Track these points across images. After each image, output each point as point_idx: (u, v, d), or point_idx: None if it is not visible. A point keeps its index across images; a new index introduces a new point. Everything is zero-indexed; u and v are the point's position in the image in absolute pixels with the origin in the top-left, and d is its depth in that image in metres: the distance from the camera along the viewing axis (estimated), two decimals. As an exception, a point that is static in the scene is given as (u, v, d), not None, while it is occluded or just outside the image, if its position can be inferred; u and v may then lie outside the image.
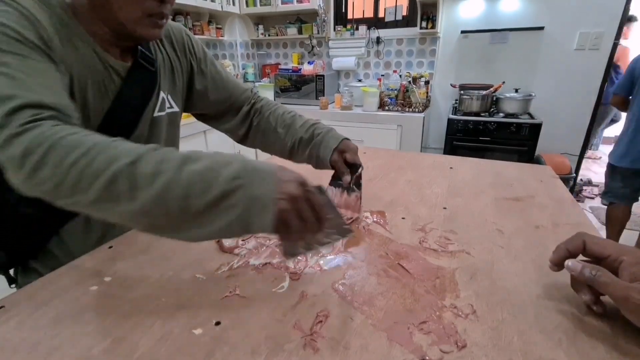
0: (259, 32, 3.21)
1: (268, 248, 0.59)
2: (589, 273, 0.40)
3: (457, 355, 0.38)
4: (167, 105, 0.68)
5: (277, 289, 0.49)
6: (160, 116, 0.67)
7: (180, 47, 0.71)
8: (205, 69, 0.75)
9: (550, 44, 2.43)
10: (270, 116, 0.79)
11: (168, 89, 0.69)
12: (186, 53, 0.72)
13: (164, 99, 0.67)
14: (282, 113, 0.79)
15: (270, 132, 0.79)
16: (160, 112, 0.67)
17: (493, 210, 0.73)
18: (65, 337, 0.40)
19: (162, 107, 0.67)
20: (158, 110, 0.66)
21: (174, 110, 0.71)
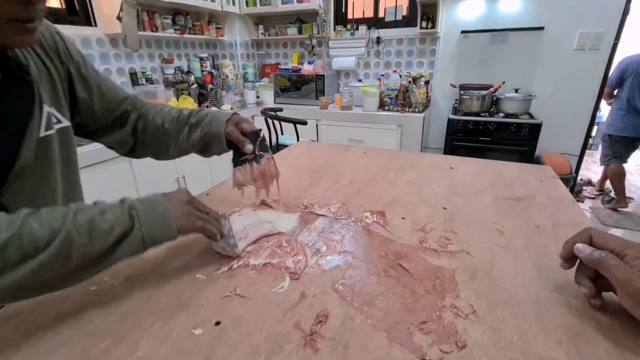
0: (259, 32, 3.22)
1: (268, 248, 0.59)
2: (598, 255, 0.42)
3: (457, 355, 0.38)
4: (54, 120, 0.56)
5: (277, 289, 0.49)
6: (49, 135, 0.54)
7: (53, 49, 0.58)
8: (87, 74, 0.63)
9: (550, 44, 2.43)
10: (155, 117, 0.72)
11: (51, 101, 0.56)
12: (60, 56, 0.59)
13: (49, 115, 0.55)
14: (167, 111, 0.73)
15: (159, 132, 0.72)
16: (48, 130, 0.54)
17: (493, 210, 0.73)
18: (65, 337, 0.40)
19: (49, 124, 0.54)
20: (45, 128, 0.54)
21: (64, 125, 0.58)
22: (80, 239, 0.40)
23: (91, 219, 0.42)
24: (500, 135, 2.31)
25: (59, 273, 0.40)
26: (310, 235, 0.63)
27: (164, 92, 2.41)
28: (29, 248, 0.37)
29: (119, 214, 0.44)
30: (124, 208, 0.45)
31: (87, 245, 0.40)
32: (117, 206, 0.45)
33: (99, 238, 0.41)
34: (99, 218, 0.42)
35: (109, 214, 0.44)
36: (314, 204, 0.76)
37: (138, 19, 2.12)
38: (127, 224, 0.44)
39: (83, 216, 0.42)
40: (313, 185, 0.87)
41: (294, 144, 1.27)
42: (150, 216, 0.46)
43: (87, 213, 0.42)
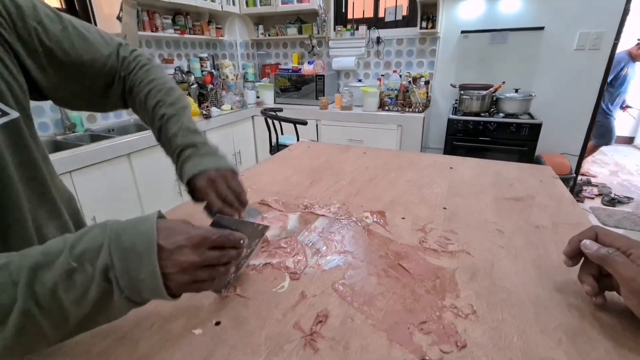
0: (259, 32, 3.22)
1: (268, 249, 0.59)
2: (605, 251, 0.42)
3: (457, 355, 0.38)
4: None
5: (277, 289, 0.49)
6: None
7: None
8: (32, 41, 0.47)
9: (550, 44, 2.43)
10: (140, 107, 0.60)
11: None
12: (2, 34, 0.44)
13: None
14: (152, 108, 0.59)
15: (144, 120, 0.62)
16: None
17: (493, 210, 0.73)
18: (65, 337, 0.40)
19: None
20: None
21: (10, 117, 0.45)
22: (43, 314, 0.31)
23: (53, 289, 0.31)
24: (500, 135, 2.31)
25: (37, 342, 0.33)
26: (310, 235, 0.63)
27: (164, 92, 2.40)
28: None
29: (90, 276, 0.32)
30: (98, 265, 0.32)
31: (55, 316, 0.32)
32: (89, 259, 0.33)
33: (68, 309, 0.32)
34: (64, 284, 0.31)
35: (77, 275, 0.32)
36: (314, 204, 0.76)
37: (138, 19, 2.12)
38: (103, 290, 0.33)
39: (42, 285, 0.31)
40: (313, 185, 0.87)
41: (294, 144, 1.27)
42: (133, 281, 0.33)
43: (48, 278, 0.31)
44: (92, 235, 0.34)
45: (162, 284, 0.34)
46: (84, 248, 0.33)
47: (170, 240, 0.35)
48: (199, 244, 0.36)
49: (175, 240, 0.35)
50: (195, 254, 0.36)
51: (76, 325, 0.34)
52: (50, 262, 0.32)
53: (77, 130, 2.00)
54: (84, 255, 0.32)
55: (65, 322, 0.33)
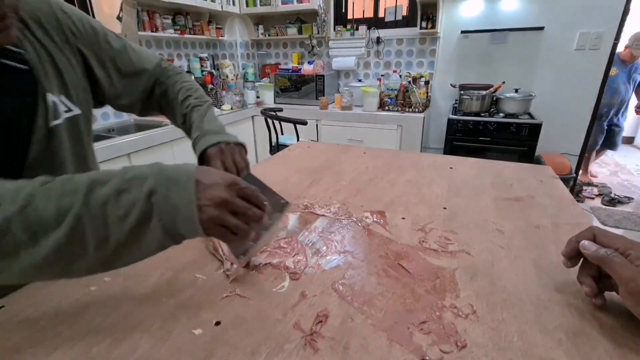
0: (259, 32, 3.22)
1: (267, 249, 0.59)
2: (603, 252, 0.42)
3: (457, 355, 0.38)
4: (62, 109, 0.53)
5: (277, 289, 0.49)
6: (56, 125, 0.52)
7: (54, 27, 0.53)
8: (102, 51, 0.60)
9: (550, 44, 2.43)
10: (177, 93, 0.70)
11: (57, 88, 0.53)
12: (66, 33, 0.54)
13: (55, 103, 0.52)
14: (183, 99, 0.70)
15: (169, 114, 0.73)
16: (56, 120, 0.52)
17: (493, 210, 0.73)
18: (65, 337, 0.40)
19: (56, 114, 0.52)
20: (53, 118, 0.52)
21: (74, 113, 0.55)
22: (91, 223, 0.35)
23: (104, 202, 0.35)
24: (500, 135, 2.31)
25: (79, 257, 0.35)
26: (310, 235, 0.63)
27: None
28: (37, 227, 0.33)
29: (136, 198, 0.36)
30: (144, 189, 0.37)
31: (100, 230, 0.35)
32: (138, 183, 0.37)
33: (111, 226, 0.35)
34: (113, 201, 0.36)
35: (125, 195, 0.36)
36: (314, 204, 0.76)
37: (138, 19, 2.12)
38: (144, 213, 0.36)
39: (96, 197, 0.35)
40: (313, 185, 0.87)
41: (294, 144, 1.27)
42: (171, 208, 0.37)
43: (102, 192, 0.36)
44: (141, 168, 0.39)
45: (196, 212, 0.38)
46: (134, 175, 0.38)
47: (207, 177, 0.40)
48: (231, 184, 0.41)
49: (212, 178, 0.40)
50: (227, 192, 0.40)
51: (113, 252, 0.36)
52: (106, 180, 0.36)
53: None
54: (134, 180, 0.37)
55: (106, 242, 0.36)
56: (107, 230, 0.35)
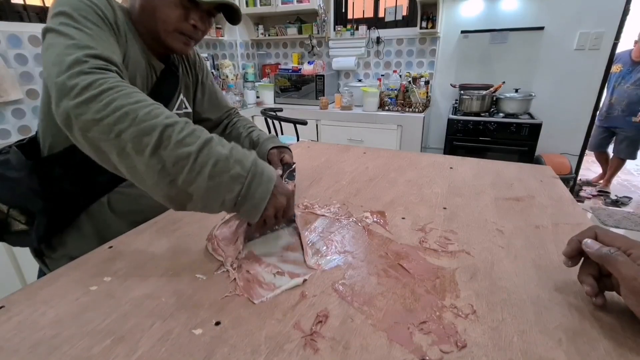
0: (259, 32, 3.22)
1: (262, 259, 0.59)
2: (606, 250, 0.41)
3: (457, 355, 0.38)
4: (184, 106, 0.83)
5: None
6: (178, 113, 0.77)
7: (192, 62, 0.87)
8: (206, 81, 0.90)
9: (550, 44, 2.43)
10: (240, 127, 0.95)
11: (184, 92, 0.83)
12: (196, 66, 0.87)
13: (182, 100, 0.82)
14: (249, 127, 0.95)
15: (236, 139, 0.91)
16: (179, 110, 0.81)
17: (493, 210, 0.73)
18: (65, 337, 0.40)
19: (180, 107, 0.81)
20: (177, 108, 0.80)
21: (189, 110, 0.85)
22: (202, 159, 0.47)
23: (226, 157, 0.48)
24: (500, 135, 2.31)
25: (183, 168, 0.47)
26: (310, 235, 0.63)
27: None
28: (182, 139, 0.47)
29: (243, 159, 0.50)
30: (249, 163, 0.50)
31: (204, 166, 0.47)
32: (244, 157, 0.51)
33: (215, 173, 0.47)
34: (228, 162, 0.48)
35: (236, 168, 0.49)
36: (314, 204, 0.76)
37: (138, 19, 2.12)
38: (240, 174, 0.49)
39: (219, 150, 0.48)
40: (313, 185, 0.87)
41: (294, 144, 1.27)
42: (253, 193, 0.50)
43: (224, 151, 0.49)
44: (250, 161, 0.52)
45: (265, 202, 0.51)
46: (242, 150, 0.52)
47: (280, 187, 0.54)
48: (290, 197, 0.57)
49: (283, 189, 0.55)
50: (285, 202, 0.55)
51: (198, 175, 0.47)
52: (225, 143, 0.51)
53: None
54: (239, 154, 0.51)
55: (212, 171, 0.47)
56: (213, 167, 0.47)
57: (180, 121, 0.48)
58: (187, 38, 0.69)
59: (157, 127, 0.46)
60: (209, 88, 0.91)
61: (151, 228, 0.66)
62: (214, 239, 0.58)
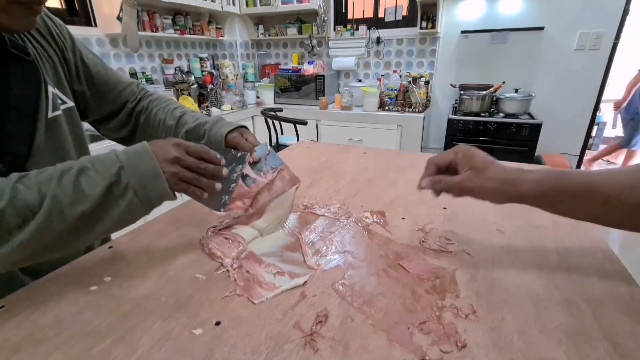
0: (259, 32, 3.22)
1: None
2: (438, 187, 0.53)
3: (457, 355, 0.38)
4: (59, 101, 0.57)
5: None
6: (56, 116, 0.56)
7: (45, 30, 0.58)
8: (76, 57, 0.63)
9: (550, 44, 2.43)
10: (159, 112, 0.71)
11: (54, 82, 0.57)
12: (54, 37, 0.59)
13: (54, 95, 0.55)
14: (172, 108, 0.72)
15: (160, 127, 0.70)
16: (55, 111, 0.55)
17: (493, 210, 0.73)
18: (65, 337, 0.40)
19: (55, 105, 0.55)
20: (52, 109, 0.55)
21: (69, 105, 0.59)
22: (66, 199, 0.41)
23: (75, 179, 0.42)
24: (500, 135, 2.31)
25: (63, 232, 0.41)
26: (310, 235, 0.63)
27: (164, 92, 2.41)
28: (25, 212, 0.39)
29: (102, 168, 0.43)
30: (107, 162, 0.44)
31: (76, 203, 0.41)
32: (102, 161, 0.44)
33: (84, 195, 0.42)
34: (83, 176, 0.42)
35: (91, 170, 0.43)
36: (314, 204, 0.76)
37: (138, 19, 2.13)
38: (112, 177, 0.43)
39: (68, 177, 0.42)
40: (313, 185, 0.87)
41: (294, 144, 1.27)
42: (136, 169, 0.44)
43: (72, 173, 0.42)
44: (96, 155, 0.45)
45: (158, 166, 0.45)
46: (97, 156, 0.45)
47: (156, 145, 0.47)
48: (177, 144, 0.48)
49: (160, 143, 0.48)
50: (176, 150, 0.47)
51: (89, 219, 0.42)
52: (73, 165, 0.43)
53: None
54: (97, 159, 0.44)
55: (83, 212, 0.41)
56: (83, 200, 0.41)
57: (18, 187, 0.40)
58: (26, 7, 0.44)
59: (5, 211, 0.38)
60: (86, 66, 0.64)
61: (151, 228, 0.66)
62: (206, 244, 0.58)
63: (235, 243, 0.58)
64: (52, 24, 0.59)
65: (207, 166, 0.50)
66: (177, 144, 0.48)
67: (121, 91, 0.70)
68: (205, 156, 0.50)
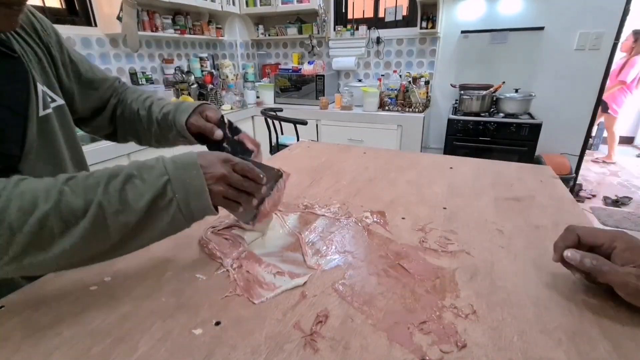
0: (259, 32, 3.22)
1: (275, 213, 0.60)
2: (589, 263, 0.43)
3: (457, 355, 0.38)
4: (49, 99, 0.55)
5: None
6: (47, 114, 0.54)
7: (30, 27, 0.56)
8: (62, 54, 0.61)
9: (550, 44, 2.43)
10: (132, 103, 0.70)
11: (43, 80, 0.55)
12: (40, 35, 0.57)
13: (44, 93, 0.54)
14: (143, 98, 0.71)
15: (135, 119, 0.70)
16: (46, 109, 0.54)
17: (493, 210, 0.73)
18: (65, 337, 0.40)
19: (45, 104, 0.54)
20: (42, 107, 0.53)
21: (59, 103, 0.58)
22: (111, 208, 0.39)
23: (122, 187, 0.40)
24: (500, 135, 2.31)
25: (104, 241, 0.40)
26: (310, 235, 0.63)
27: (164, 92, 2.41)
28: (69, 218, 0.38)
29: (149, 178, 0.42)
30: (155, 172, 0.42)
31: (120, 213, 0.40)
32: (150, 169, 0.43)
33: (129, 206, 0.40)
34: (130, 184, 0.41)
35: (138, 178, 0.41)
36: (314, 204, 0.76)
37: (138, 19, 2.12)
38: (159, 190, 0.41)
39: (114, 184, 0.40)
40: (313, 185, 0.87)
41: (294, 144, 1.27)
42: (183, 183, 0.43)
43: (119, 180, 0.41)
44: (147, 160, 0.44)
45: (205, 183, 0.43)
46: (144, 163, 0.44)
47: (205, 159, 0.45)
48: (225, 160, 0.47)
49: (209, 158, 0.46)
50: (224, 168, 0.46)
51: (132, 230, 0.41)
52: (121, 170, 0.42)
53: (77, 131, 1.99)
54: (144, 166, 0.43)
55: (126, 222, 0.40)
56: (127, 210, 0.40)
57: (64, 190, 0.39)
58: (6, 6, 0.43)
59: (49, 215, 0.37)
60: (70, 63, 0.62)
61: (151, 228, 0.66)
62: (206, 244, 0.58)
63: (235, 243, 0.58)
64: (37, 21, 0.57)
65: (250, 184, 0.49)
66: (225, 160, 0.47)
67: (106, 88, 0.70)
68: (250, 175, 0.49)
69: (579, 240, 0.46)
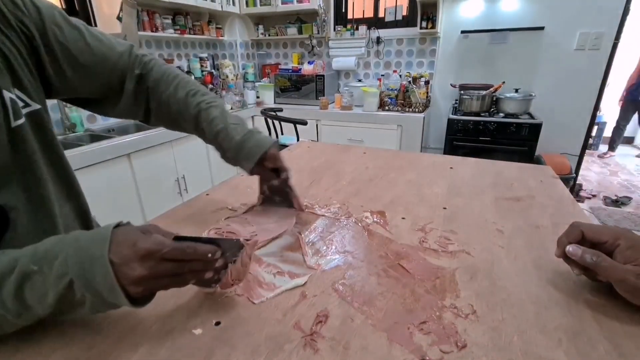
0: (259, 32, 3.22)
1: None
2: (590, 259, 0.43)
3: (457, 355, 0.38)
4: (20, 105, 0.46)
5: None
6: (19, 125, 0.45)
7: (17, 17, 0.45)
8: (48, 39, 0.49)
9: (550, 44, 2.43)
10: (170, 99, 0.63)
11: (12, 83, 0.45)
12: (12, 24, 0.45)
13: (13, 101, 0.44)
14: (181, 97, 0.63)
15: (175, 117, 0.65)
16: (18, 119, 0.45)
17: (493, 210, 0.73)
18: (65, 337, 0.40)
19: (16, 113, 0.45)
20: (14, 118, 0.44)
21: (33, 108, 0.48)
22: (11, 314, 0.35)
23: (16, 291, 0.35)
24: (500, 135, 2.31)
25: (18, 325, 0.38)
26: (310, 235, 0.63)
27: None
28: None
29: (49, 279, 0.35)
30: (56, 269, 0.35)
31: (25, 313, 0.36)
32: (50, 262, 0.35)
33: (33, 308, 0.36)
34: (28, 284, 0.35)
35: (38, 274, 0.35)
36: (314, 204, 0.76)
37: (138, 19, 2.12)
38: (63, 291, 0.35)
39: (8, 288, 0.35)
40: (313, 185, 0.87)
41: (294, 144, 1.27)
42: (89, 284, 0.35)
43: (12, 281, 0.35)
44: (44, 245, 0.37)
45: (115, 284, 0.34)
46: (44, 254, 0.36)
47: (118, 256, 0.35)
48: (147, 255, 0.35)
49: (123, 255, 0.35)
50: (143, 267, 0.35)
51: (51, 315, 0.37)
52: (13, 268, 0.35)
53: (77, 130, 2.00)
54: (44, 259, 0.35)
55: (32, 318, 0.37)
56: (33, 310, 0.36)
57: None
58: None
59: None
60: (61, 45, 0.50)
61: (151, 228, 0.66)
62: None
63: None
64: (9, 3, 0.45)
65: (196, 264, 0.40)
66: (146, 255, 0.35)
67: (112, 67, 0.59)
68: (192, 257, 0.39)
69: (582, 237, 0.46)
